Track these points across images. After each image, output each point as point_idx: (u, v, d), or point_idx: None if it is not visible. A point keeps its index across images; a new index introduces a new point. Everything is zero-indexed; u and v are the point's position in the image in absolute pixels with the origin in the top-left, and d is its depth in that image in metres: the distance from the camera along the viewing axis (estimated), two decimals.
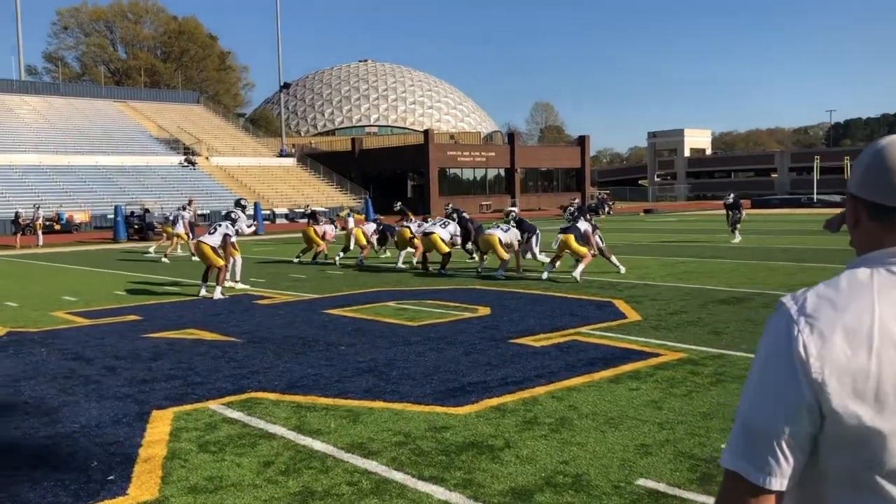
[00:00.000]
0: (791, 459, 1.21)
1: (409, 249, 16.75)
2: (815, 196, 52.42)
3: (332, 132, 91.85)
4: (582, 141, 67.70)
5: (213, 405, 6.00)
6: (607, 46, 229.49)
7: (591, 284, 12.79)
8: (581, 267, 13.26)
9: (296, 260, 18.87)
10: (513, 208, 17.56)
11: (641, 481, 4.21)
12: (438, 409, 5.72)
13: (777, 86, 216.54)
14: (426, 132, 59.89)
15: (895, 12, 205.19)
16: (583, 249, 13.37)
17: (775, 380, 1.22)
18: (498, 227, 15.06)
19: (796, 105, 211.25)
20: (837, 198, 51.08)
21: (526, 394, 6.03)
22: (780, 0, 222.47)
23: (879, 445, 1.16)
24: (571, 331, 8.60)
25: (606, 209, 49.34)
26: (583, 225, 13.78)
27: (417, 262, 16.50)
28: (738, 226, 21.85)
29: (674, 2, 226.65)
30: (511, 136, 66.07)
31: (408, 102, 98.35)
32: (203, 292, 12.71)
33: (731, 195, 21.99)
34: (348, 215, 20.99)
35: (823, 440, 1.20)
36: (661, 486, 4.12)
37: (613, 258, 14.67)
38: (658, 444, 4.80)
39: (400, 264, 16.62)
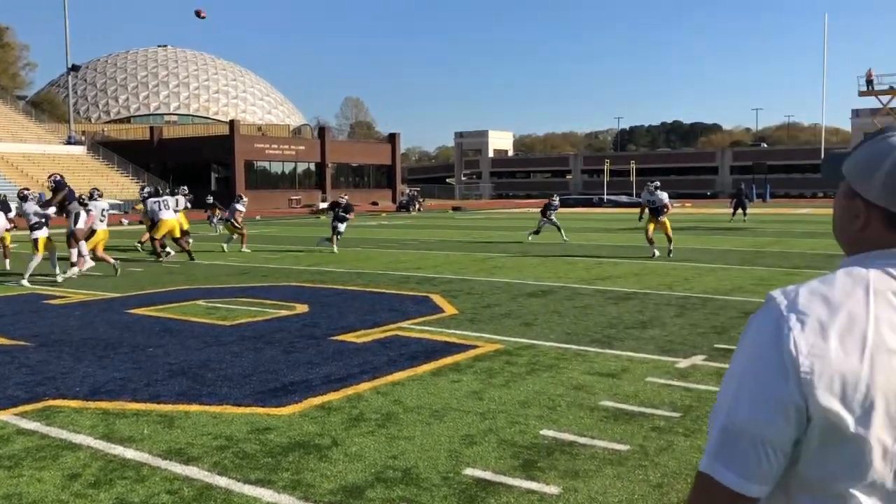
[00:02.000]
0: (774, 464, 1.14)
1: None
2: (605, 196, 56.53)
3: (127, 119, 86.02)
4: (392, 138, 68.45)
5: (5, 416, 5.43)
6: (416, 46, 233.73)
7: (409, 280, 12.97)
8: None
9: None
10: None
11: (469, 471, 4.33)
12: (260, 410, 5.55)
13: (571, 92, 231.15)
14: (231, 123, 57.83)
15: (676, 29, 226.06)
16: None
17: (761, 378, 1.13)
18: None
19: (588, 111, 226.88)
20: (625, 198, 55.49)
21: (350, 391, 6.00)
22: (572, 11, 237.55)
23: (860, 455, 1.11)
24: (392, 326, 8.67)
25: (416, 206, 50.23)
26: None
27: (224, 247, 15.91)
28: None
29: (477, 6, 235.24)
30: (321, 131, 65.46)
31: (211, 91, 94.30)
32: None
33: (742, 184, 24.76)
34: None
35: (806, 445, 1.13)
36: (488, 475, 4.27)
37: None
38: (481, 433, 4.96)
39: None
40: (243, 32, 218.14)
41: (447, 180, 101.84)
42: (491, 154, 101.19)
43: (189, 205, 19.52)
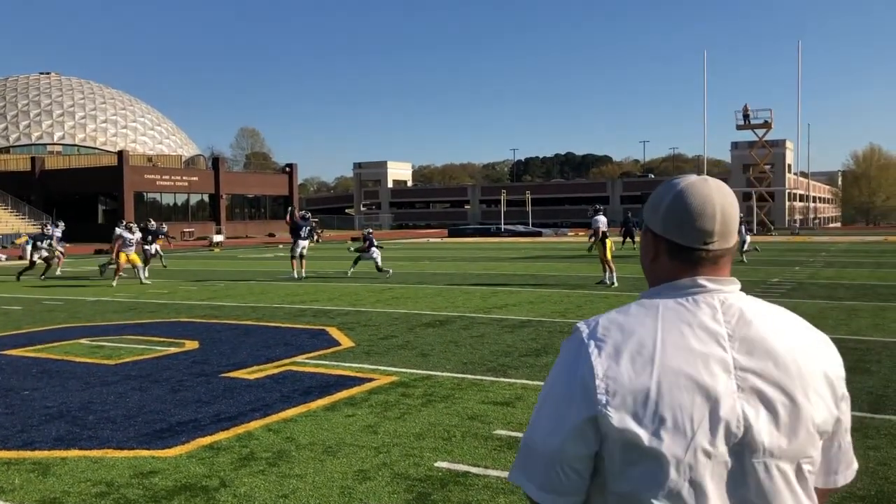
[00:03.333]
0: (571, 480, 1.25)
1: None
2: (502, 226, 57.53)
3: (5, 150, 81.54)
4: (290, 168, 67.61)
5: None
6: (313, 75, 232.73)
7: (305, 313, 12.77)
8: None
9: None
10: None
11: None
12: (144, 452, 5.31)
13: (468, 124, 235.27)
14: (120, 153, 55.72)
15: (567, 64, 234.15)
16: None
17: (557, 399, 1.27)
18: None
19: (485, 143, 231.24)
20: (521, 227, 56.67)
21: (241, 429, 5.83)
22: (468, 43, 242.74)
23: (657, 467, 1.21)
24: (286, 361, 8.50)
25: (315, 237, 49.63)
26: None
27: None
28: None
29: (371, 37, 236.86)
30: (216, 161, 63.95)
31: (98, 121, 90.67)
32: None
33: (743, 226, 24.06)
34: (27, 243, 18.93)
35: (608, 462, 1.24)
36: None
37: None
38: (375, 468, 4.91)
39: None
40: (133, 59, 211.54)
41: (346, 210, 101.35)
42: (390, 184, 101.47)
43: (59, 236, 21.62)
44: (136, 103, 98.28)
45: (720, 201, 1.34)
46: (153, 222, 24.27)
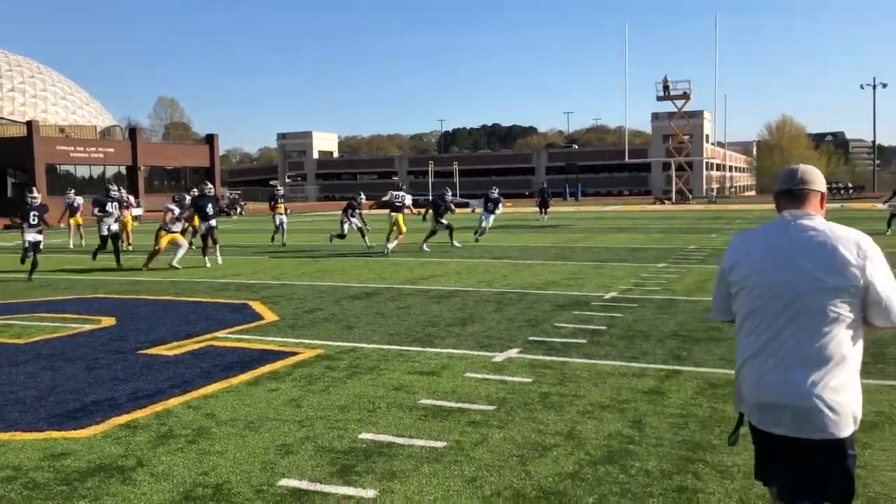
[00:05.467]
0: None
1: None
2: (430, 197, 57.44)
3: None
4: (210, 139, 65.83)
5: None
6: (234, 43, 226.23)
7: (227, 287, 12.50)
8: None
9: None
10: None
11: (284, 481, 4.21)
12: (56, 434, 5.11)
13: (395, 94, 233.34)
14: (29, 124, 53.15)
15: (489, 34, 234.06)
16: None
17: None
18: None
19: (412, 113, 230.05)
20: (449, 198, 56.63)
21: (159, 407, 5.67)
22: (393, 11, 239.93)
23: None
24: (207, 336, 8.29)
25: (238, 210, 48.64)
26: None
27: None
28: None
29: (291, 2, 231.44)
30: (132, 132, 61.76)
31: (5, 90, 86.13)
32: None
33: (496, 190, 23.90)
34: None
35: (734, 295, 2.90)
36: (303, 484, 4.17)
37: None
38: (298, 441, 4.85)
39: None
40: (39, 25, 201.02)
41: (270, 182, 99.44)
42: (315, 156, 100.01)
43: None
44: (45, 71, 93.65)
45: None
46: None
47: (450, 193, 20.92)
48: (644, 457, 4.45)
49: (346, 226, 20.10)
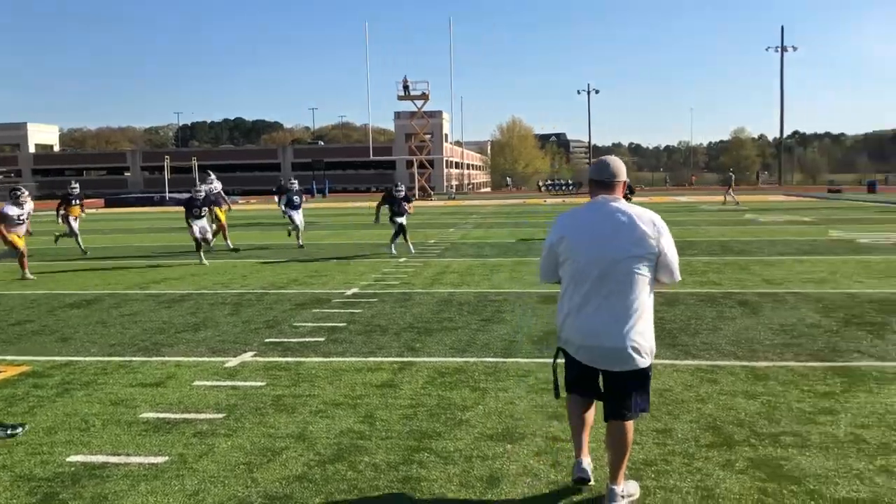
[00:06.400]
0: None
1: None
2: (167, 194, 54.25)
3: None
4: None
5: None
6: None
7: None
8: None
9: None
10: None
11: None
12: None
13: (127, 85, 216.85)
14: None
15: (232, 29, 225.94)
16: None
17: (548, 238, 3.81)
18: None
19: (146, 106, 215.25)
20: (186, 195, 53.84)
21: None
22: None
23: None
24: None
25: None
26: None
27: None
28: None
29: None
30: None
31: None
32: None
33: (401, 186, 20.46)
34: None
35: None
36: None
37: None
38: None
39: None
40: None
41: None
42: (32, 150, 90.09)
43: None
44: None
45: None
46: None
47: (402, 186, 16.74)
48: (373, 451, 4.51)
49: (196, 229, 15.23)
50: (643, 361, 3.54)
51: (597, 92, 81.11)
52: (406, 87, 56.96)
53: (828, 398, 5.35)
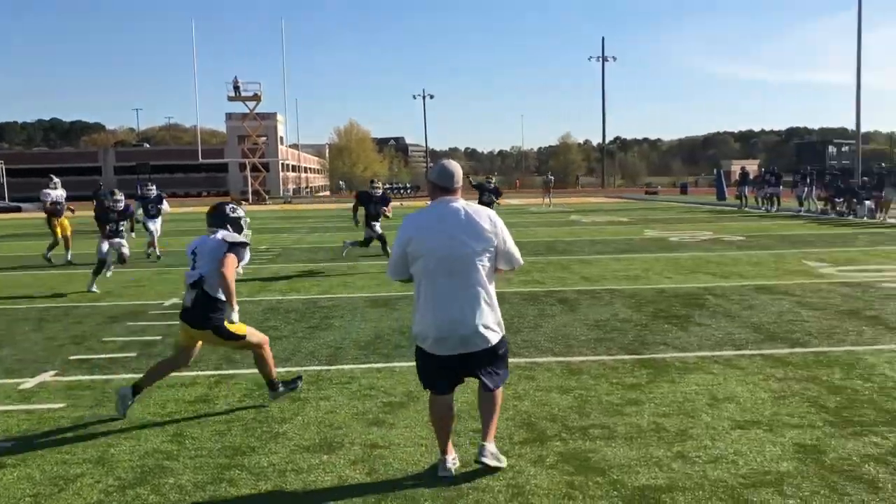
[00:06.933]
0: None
1: None
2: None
3: None
4: None
5: None
6: None
7: None
8: None
9: None
10: None
11: None
12: None
13: None
14: None
15: (29, 20, 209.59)
16: None
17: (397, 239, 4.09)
18: None
19: None
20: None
21: None
22: None
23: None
24: None
25: None
26: None
27: None
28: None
29: None
30: None
31: None
32: None
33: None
34: None
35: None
36: None
37: None
38: None
39: None
40: None
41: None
42: None
43: None
44: None
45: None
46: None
47: (378, 183, 14.97)
48: (180, 471, 4.24)
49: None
50: (495, 337, 3.98)
51: (431, 97, 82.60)
52: (237, 88, 55.23)
53: (634, 390, 5.65)
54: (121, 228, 12.33)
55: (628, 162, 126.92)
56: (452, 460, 4.13)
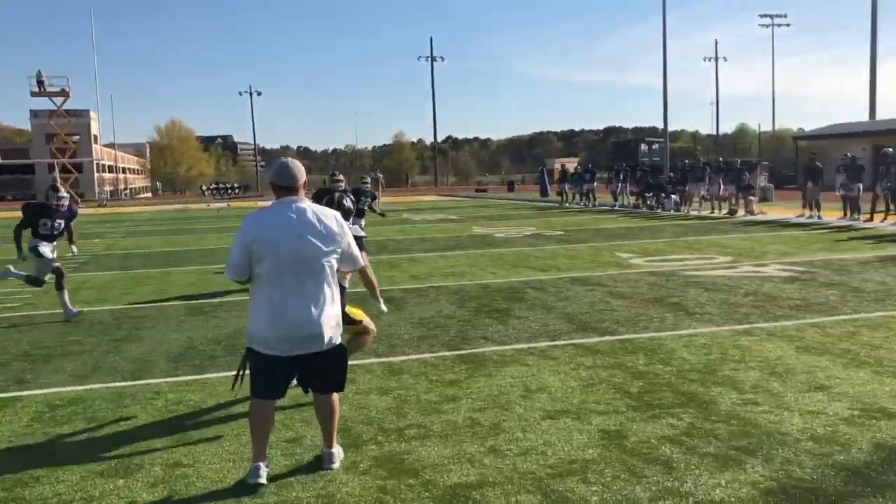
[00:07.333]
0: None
1: None
2: None
3: None
4: None
5: None
6: None
7: None
8: None
9: None
10: None
11: None
12: None
13: None
14: None
15: None
16: None
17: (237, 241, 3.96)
18: None
19: None
20: None
21: None
22: None
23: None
24: None
25: None
26: None
27: None
28: None
29: None
30: None
31: None
32: None
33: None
34: None
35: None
36: None
37: None
38: None
39: None
40: None
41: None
42: None
43: None
44: None
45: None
46: None
47: (340, 175, 12.24)
48: None
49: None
50: (337, 337, 4.04)
51: (259, 94, 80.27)
52: (41, 83, 51.08)
53: (453, 386, 5.68)
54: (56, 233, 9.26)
55: (460, 160, 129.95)
56: (265, 467, 3.99)
